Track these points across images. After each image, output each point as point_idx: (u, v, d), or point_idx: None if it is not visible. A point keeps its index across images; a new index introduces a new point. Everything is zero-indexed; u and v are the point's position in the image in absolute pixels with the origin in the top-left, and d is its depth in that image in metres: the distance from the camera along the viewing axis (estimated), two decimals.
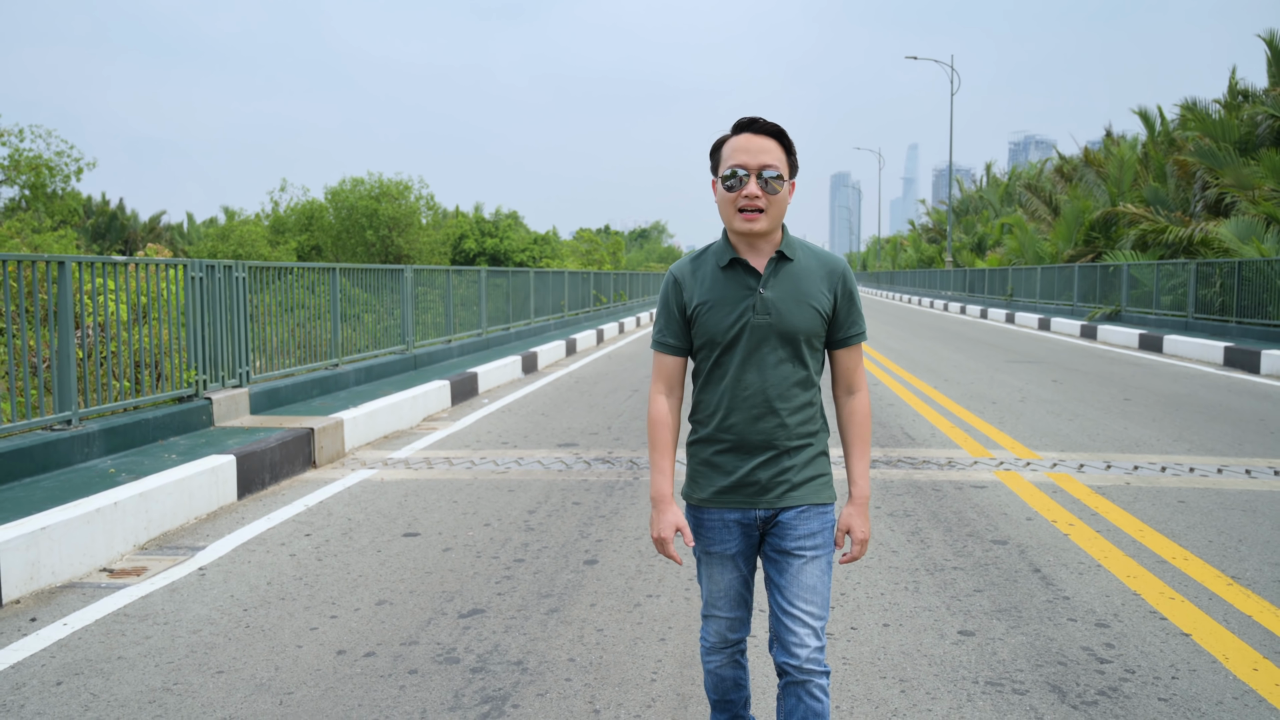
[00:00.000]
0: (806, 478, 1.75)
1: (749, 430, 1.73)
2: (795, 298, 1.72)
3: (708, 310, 1.74)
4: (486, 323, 11.97)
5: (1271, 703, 2.35)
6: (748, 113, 49.07)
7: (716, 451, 1.76)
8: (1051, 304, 20.54)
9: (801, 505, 1.75)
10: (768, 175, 1.68)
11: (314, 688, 2.47)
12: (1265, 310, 12.14)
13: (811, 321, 1.73)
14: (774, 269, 1.73)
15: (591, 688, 2.46)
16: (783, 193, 1.71)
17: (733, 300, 1.72)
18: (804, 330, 1.72)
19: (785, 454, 1.74)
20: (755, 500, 1.75)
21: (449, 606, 3.07)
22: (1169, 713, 2.31)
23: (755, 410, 1.72)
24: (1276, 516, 4.11)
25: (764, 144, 1.70)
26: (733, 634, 1.85)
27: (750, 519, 1.76)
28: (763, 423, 1.72)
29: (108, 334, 5.13)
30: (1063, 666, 2.57)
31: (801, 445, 1.75)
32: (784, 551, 1.75)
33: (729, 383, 1.73)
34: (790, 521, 1.74)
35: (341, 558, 3.62)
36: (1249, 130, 17.33)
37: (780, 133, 1.72)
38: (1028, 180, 31.26)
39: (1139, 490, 4.58)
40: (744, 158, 1.69)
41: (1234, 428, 6.37)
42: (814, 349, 1.76)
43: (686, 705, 2.36)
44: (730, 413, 1.73)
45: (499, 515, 4.24)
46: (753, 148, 1.69)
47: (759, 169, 1.68)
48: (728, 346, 1.73)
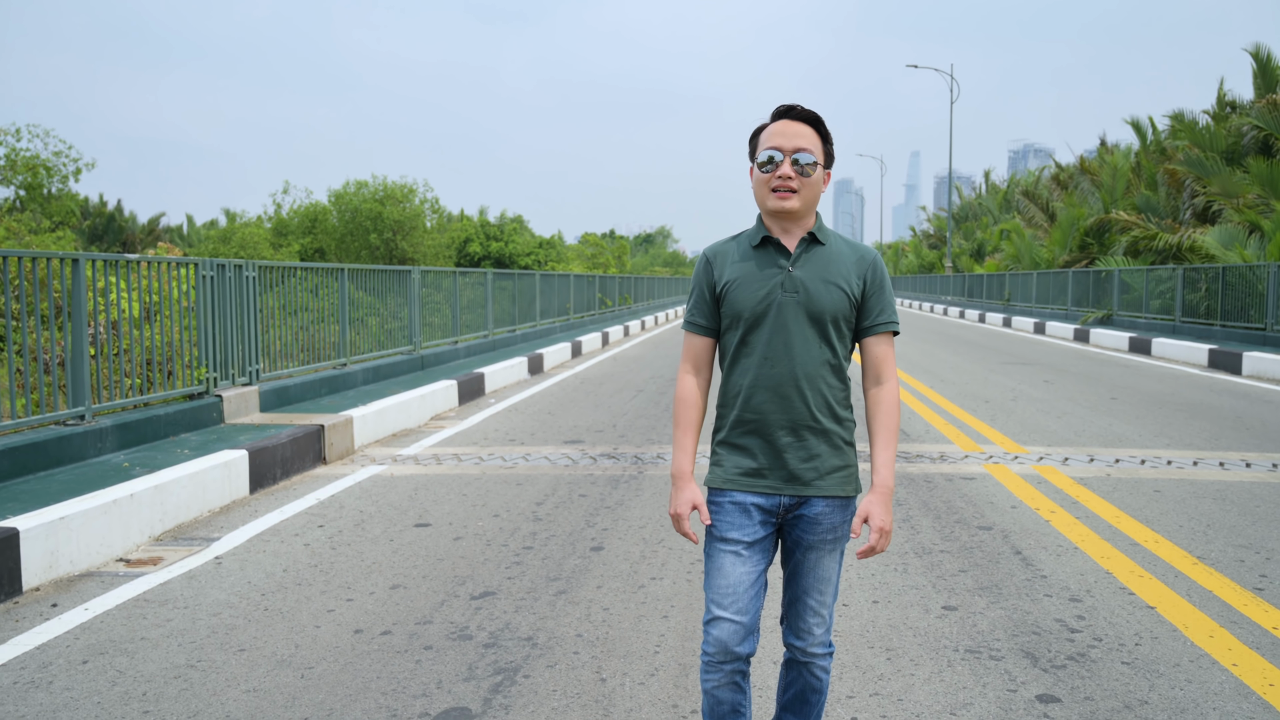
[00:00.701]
0: (834, 467, 1.73)
1: (775, 411, 1.70)
2: (824, 278, 1.72)
3: (736, 286, 1.74)
4: (493, 324, 12.10)
5: (1223, 664, 2.55)
6: (754, 120, 49.05)
7: (743, 432, 1.74)
8: (1047, 308, 20.77)
9: (829, 496, 1.72)
10: (802, 160, 1.70)
11: (334, 663, 2.61)
12: (1247, 314, 12.39)
13: (839, 303, 1.72)
14: (805, 249, 1.75)
15: (598, 659, 2.62)
16: (816, 177, 1.72)
17: (762, 277, 1.73)
18: (831, 311, 1.71)
19: (812, 439, 1.71)
20: (782, 487, 1.72)
21: (461, 590, 3.23)
22: (1130, 674, 2.50)
23: (782, 390, 1.70)
24: (1244, 504, 4.30)
25: (800, 129, 1.72)
26: (735, 645, 1.72)
27: (774, 505, 1.73)
28: (789, 404, 1.70)
29: (119, 331, 5.28)
30: (1036, 636, 2.75)
31: (829, 431, 1.72)
32: (805, 545, 1.74)
33: (756, 361, 1.72)
34: (816, 516, 1.73)
35: (355, 547, 3.77)
36: (1235, 140, 17.68)
37: (817, 120, 1.74)
38: (1026, 188, 31.58)
39: (1118, 481, 4.77)
40: (780, 140, 1.72)
41: (1212, 424, 6.57)
42: (842, 333, 1.74)
43: (688, 674, 2.53)
44: (756, 392, 1.71)
45: (507, 507, 4.40)
46: (789, 132, 1.72)
47: (793, 152, 1.70)
48: (755, 323, 1.72)
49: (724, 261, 1.79)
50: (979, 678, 2.49)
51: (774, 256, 1.74)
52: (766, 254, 1.75)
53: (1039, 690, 2.41)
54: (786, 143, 1.71)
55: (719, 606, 1.74)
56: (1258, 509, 4.21)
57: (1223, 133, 17.90)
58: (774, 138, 1.73)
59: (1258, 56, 18.07)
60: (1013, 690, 2.41)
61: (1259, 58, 18.02)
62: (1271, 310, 11.59)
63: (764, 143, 1.74)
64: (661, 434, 6.33)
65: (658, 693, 2.42)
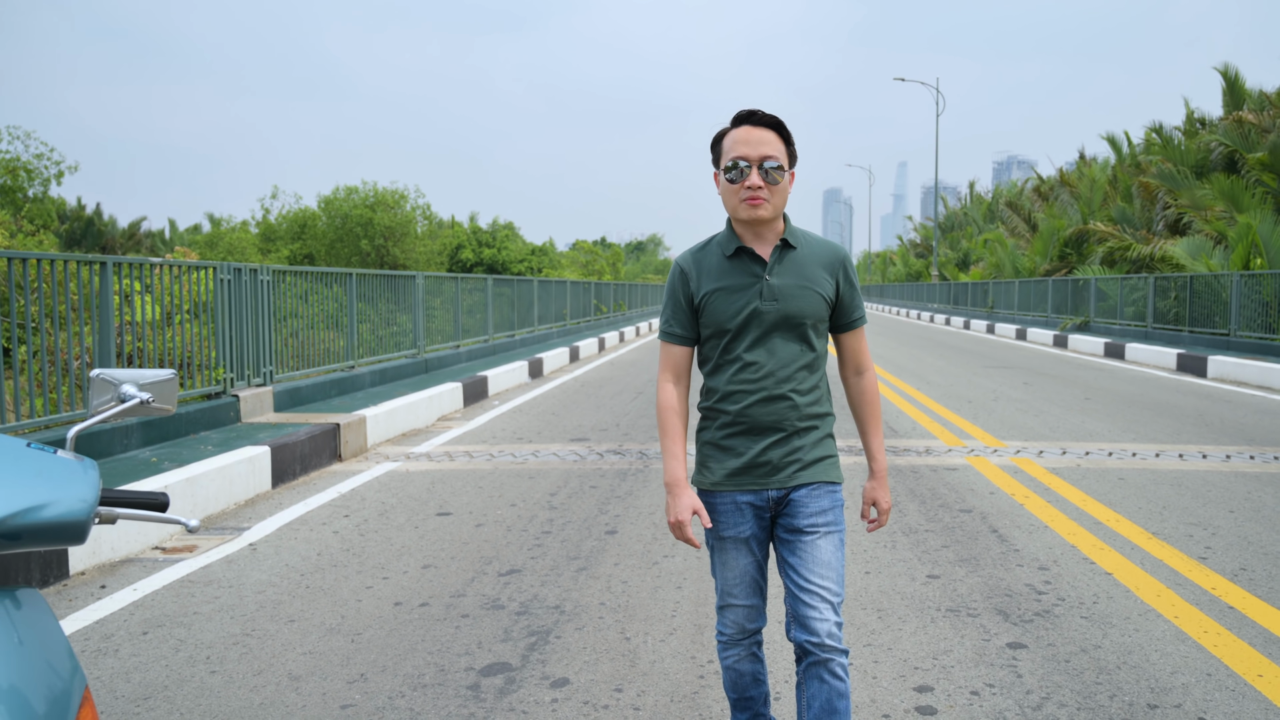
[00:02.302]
0: (816, 457, 1.79)
1: (760, 413, 1.76)
2: (800, 284, 1.77)
3: (715, 299, 1.77)
4: (493, 329, 12.36)
5: (1166, 616, 2.94)
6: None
7: (728, 435, 1.79)
8: (1028, 315, 21.34)
9: (813, 484, 1.78)
10: (769, 166, 1.72)
11: (379, 630, 2.88)
12: (1213, 320, 12.94)
13: (817, 307, 1.78)
14: (779, 256, 1.78)
15: (621, 623, 2.93)
16: (783, 182, 1.74)
17: (740, 288, 1.77)
18: (810, 315, 1.77)
19: (795, 434, 1.77)
20: (767, 481, 1.77)
21: (489, 568, 3.51)
22: (1087, 625, 2.86)
23: (765, 393, 1.75)
24: (1197, 489, 4.70)
25: (764, 135, 1.73)
26: (750, 623, 1.84)
27: (763, 500, 1.79)
28: (773, 405, 1.75)
29: (138, 332, 5.50)
30: (1008, 597, 3.11)
31: (810, 426, 1.79)
32: (796, 530, 1.78)
33: (738, 368, 1.77)
34: (802, 500, 1.78)
35: (382, 533, 4.04)
36: (1204, 155, 18.37)
37: (779, 124, 1.75)
38: (1009, 199, 32.34)
39: (1087, 470, 5.16)
40: (745, 149, 1.72)
41: (1175, 421, 7.00)
42: (819, 333, 1.80)
43: (702, 632, 2.84)
44: (741, 397, 1.76)
45: (523, 497, 4.69)
46: (753, 139, 1.72)
47: (760, 160, 1.71)
48: (736, 333, 1.77)
49: (699, 272, 1.81)
50: (958, 630, 2.83)
51: (749, 265, 1.77)
52: (741, 263, 1.78)
53: (1009, 639, 2.76)
54: (752, 151, 1.72)
55: (731, 595, 1.83)
56: (1209, 493, 4.60)
57: (1193, 148, 18.60)
58: (739, 146, 1.73)
59: (1226, 75, 18.81)
60: (986, 640, 2.76)
61: (1228, 76, 18.76)
62: (1235, 317, 12.12)
63: (729, 151, 1.75)
64: None
65: (677, 648, 2.73)
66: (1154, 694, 2.40)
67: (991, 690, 2.43)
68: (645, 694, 2.43)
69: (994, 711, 2.31)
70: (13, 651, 0.80)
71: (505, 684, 2.50)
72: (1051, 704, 2.34)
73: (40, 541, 0.89)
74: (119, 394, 1.19)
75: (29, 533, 0.87)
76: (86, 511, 0.92)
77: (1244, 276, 12.05)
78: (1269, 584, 3.20)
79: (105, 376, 1.17)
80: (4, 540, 0.85)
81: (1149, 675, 2.50)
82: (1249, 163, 16.37)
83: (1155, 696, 2.38)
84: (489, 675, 2.56)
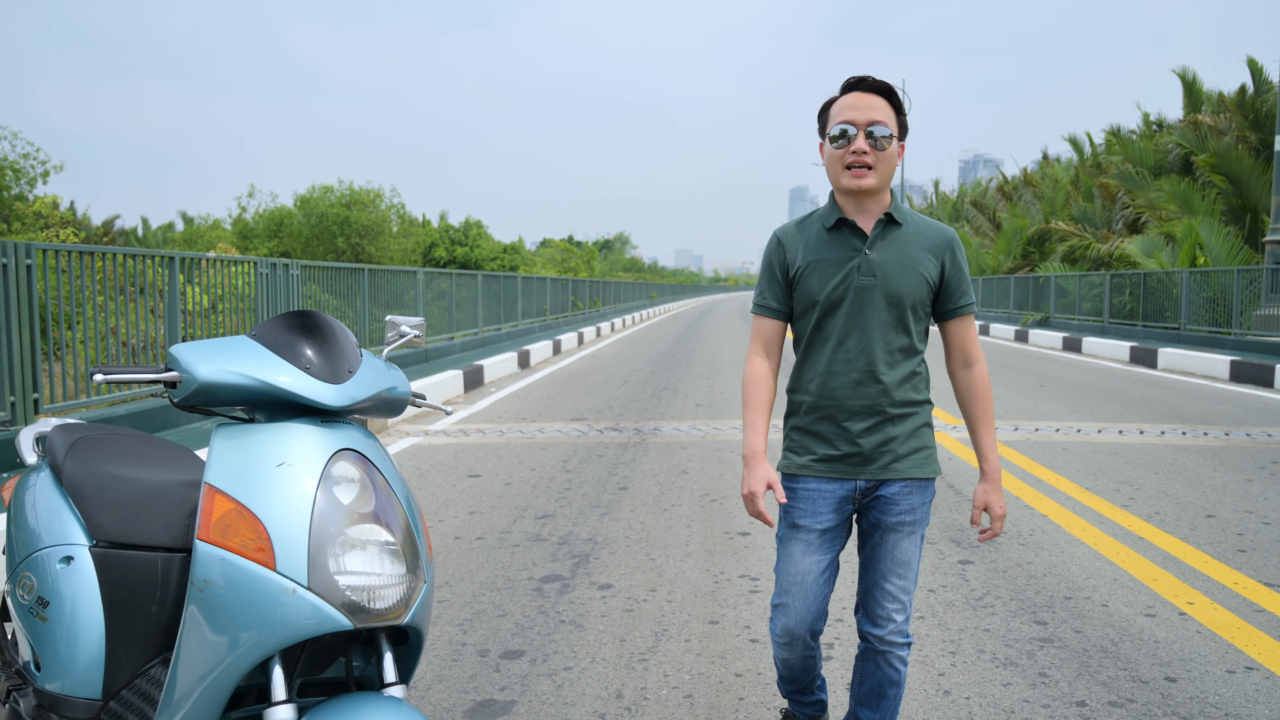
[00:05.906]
0: (911, 449, 1.69)
1: (850, 396, 1.67)
2: (902, 262, 1.67)
3: (811, 271, 1.68)
4: (482, 323, 12.97)
5: (1087, 543, 3.64)
6: (712, 128, 49.06)
7: (817, 419, 1.70)
8: (992, 312, 22.34)
9: (906, 479, 1.68)
10: (876, 132, 1.62)
11: (448, 554, 3.50)
12: (1164, 315, 13.92)
13: (918, 287, 1.67)
14: (882, 231, 1.68)
15: (645, 549, 3.57)
16: (891, 150, 1.64)
17: (838, 261, 1.67)
18: (910, 295, 1.66)
19: (889, 422, 1.68)
20: (858, 471, 1.68)
21: (525, 514, 4.13)
22: (1022, 549, 3.57)
23: (857, 375, 1.66)
24: (1130, 457, 5.45)
25: (873, 101, 1.64)
26: (802, 631, 1.73)
27: (850, 490, 1.70)
28: (864, 388, 1.66)
29: (187, 320, 6.02)
30: (960, 531, 3.81)
31: (905, 414, 1.69)
32: (883, 527, 1.70)
33: (831, 346, 1.68)
34: (893, 496, 1.69)
35: (425, 490, 4.63)
36: (1163, 157, 19.41)
37: (890, 91, 1.65)
38: (974, 198, 33.41)
39: (1035, 443, 5.90)
40: (852, 114, 1.64)
41: (1120, 404, 7.81)
42: (919, 317, 1.69)
43: (712, 556, 3.47)
44: (831, 377, 1.68)
45: (540, 463, 5.30)
46: (861, 104, 1.64)
47: (867, 125, 1.63)
48: (830, 308, 1.67)
49: (797, 244, 1.73)
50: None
51: (849, 239, 1.68)
52: (841, 236, 1.68)
53: (959, 558, 3.45)
54: (860, 115, 1.63)
55: (786, 594, 1.74)
56: (1140, 460, 5.35)
57: (1151, 149, 19.62)
58: (846, 111, 1.65)
59: (1184, 78, 19.79)
60: (941, 559, 3.45)
61: (1186, 79, 19.75)
62: (1185, 312, 13.09)
63: (835, 116, 1.67)
64: (654, 414, 7.27)
65: (694, 565, 3.37)
66: (1070, 590, 3.09)
67: (945, 589, 3.10)
68: (674, 593, 3.08)
69: (946, 601, 2.98)
70: (399, 478, 1.38)
71: (562, 588, 3.13)
72: (990, 598, 3.02)
73: (388, 412, 1.49)
74: (399, 331, 1.74)
75: (388, 405, 1.46)
76: (409, 393, 1.53)
77: (1193, 273, 12.99)
78: (1176, 523, 3.92)
79: (392, 319, 1.74)
80: (376, 406, 1.43)
81: (1068, 580, 3.19)
82: (1199, 164, 17.33)
83: (1071, 592, 3.07)
84: (548, 582, 3.19)
